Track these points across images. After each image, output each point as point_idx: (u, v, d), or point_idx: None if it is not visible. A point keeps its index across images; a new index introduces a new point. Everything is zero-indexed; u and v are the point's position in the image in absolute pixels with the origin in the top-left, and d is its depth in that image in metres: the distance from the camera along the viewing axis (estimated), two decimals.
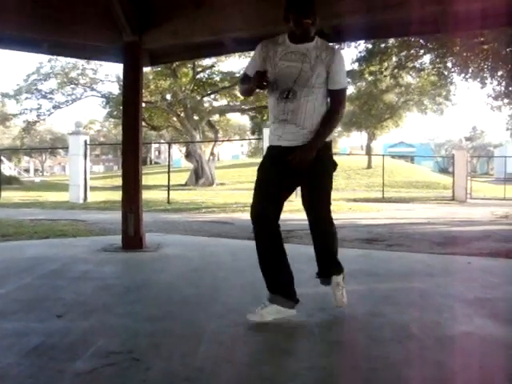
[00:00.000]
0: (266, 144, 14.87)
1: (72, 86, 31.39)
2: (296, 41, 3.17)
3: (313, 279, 4.48)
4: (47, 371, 2.40)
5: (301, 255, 5.66)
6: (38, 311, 3.39)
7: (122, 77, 7.08)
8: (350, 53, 73.35)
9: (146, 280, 4.54)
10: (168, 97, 29.64)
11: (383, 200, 19.59)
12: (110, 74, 48.10)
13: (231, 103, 31.91)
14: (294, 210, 13.50)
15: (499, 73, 15.51)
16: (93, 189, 18.52)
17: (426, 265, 5.38)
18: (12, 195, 20.07)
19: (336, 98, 3.24)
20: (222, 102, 32.73)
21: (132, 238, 5.90)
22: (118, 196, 15.49)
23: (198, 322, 3.21)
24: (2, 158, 28.04)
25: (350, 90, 33.10)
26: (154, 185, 23.49)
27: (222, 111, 32.61)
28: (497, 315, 3.38)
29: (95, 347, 2.71)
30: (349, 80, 28.09)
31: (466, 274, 4.95)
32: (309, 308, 3.54)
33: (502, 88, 16.13)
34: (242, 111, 32.98)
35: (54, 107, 31.54)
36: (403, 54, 16.66)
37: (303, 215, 3.39)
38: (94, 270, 4.74)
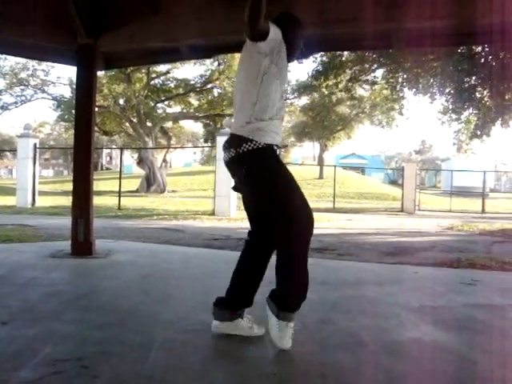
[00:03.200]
0: (219, 152, 14.89)
1: (21, 87, 30.63)
2: None
3: (265, 285, 4.51)
4: None
5: None
6: None
7: (75, 80, 6.96)
8: (308, 66, 74.04)
9: (95, 287, 4.47)
10: (121, 102, 29.30)
11: (334, 210, 19.84)
12: (62, 76, 47.20)
13: (185, 110, 31.81)
14: (245, 219, 13.59)
15: (447, 89, 15.98)
16: (42, 193, 18.09)
17: (374, 274, 5.48)
18: None
19: None
20: (176, 108, 32.59)
21: (82, 244, 5.80)
22: (67, 201, 15.25)
23: (148, 330, 3.18)
24: None
25: (303, 101, 33.59)
26: (105, 191, 23.13)
27: (176, 118, 32.45)
28: (440, 322, 3.49)
29: (42, 355, 2.65)
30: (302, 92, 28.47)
31: (413, 282, 5.08)
32: (259, 315, 3.55)
33: (450, 104, 16.61)
34: (196, 118, 32.90)
35: (2, 108, 30.70)
36: (357, 67, 16.98)
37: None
38: (42, 277, 4.63)
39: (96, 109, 7.30)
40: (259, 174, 2.86)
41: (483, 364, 2.72)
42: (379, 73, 18.17)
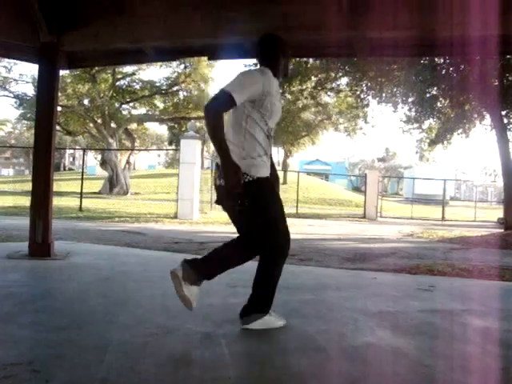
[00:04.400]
0: (183, 155, 14.84)
1: None
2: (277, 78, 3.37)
3: (223, 290, 4.52)
4: None
5: None
6: None
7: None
8: None
9: (52, 289, 4.39)
10: (86, 102, 28.95)
11: (297, 215, 19.96)
12: (25, 73, 46.31)
13: (150, 112, 31.62)
14: (207, 223, 13.55)
15: (410, 99, 16.29)
16: (1, 193, 17.73)
17: (334, 279, 5.54)
18: None
19: None
20: (141, 110, 32.38)
21: (39, 246, 5.69)
22: (27, 201, 14.94)
23: (105, 333, 3.14)
24: None
25: None
26: (66, 191, 22.76)
27: (141, 120, 32.23)
28: (397, 327, 3.54)
29: None
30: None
31: (372, 288, 5.14)
32: (217, 319, 3.55)
33: (413, 113, 16.94)
34: (161, 121, 32.74)
35: None
36: (322, 75, 17.17)
37: (215, 227, 3.39)
38: None
39: (59, 108, 7.21)
40: (254, 202, 3.18)
41: (437, 368, 2.77)
42: (344, 80, 18.42)
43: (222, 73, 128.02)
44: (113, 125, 29.78)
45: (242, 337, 3.18)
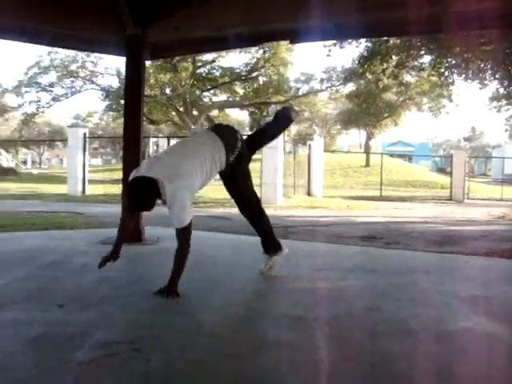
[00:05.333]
0: None
1: (71, 78, 31.32)
2: None
3: (311, 273, 4.53)
4: (50, 361, 2.43)
5: (298, 250, 5.71)
6: (38, 301, 3.41)
7: (122, 70, 7.07)
8: (353, 52, 73.27)
9: (145, 273, 4.57)
10: (168, 91, 29.62)
11: (381, 198, 19.63)
12: (109, 67, 47.89)
13: (230, 99, 31.91)
14: (291, 207, 13.58)
15: (498, 74, 15.54)
16: (91, 182, 18.49)
17: (423, 263, 5.42)
18: (9, 186, 20.05)
19: None
20: (222, 97, 32.72)
21: (131, 232, 5.89)
22: (116, 189, 15.57)
23: (197, 315, 3.23)
24: (0, 149, 28.01)
25: (349, 87, 33.16)
26: None
27: (222, 106, 32.61)
28: (491, 312, 3.42)
29: (96, 338, 2.73)
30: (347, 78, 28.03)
31: (463, 272, 4.99)
32: (308, 302, 3.57)
33: (502, 89, 16.16)
34: (241, 107, 32.98)
35: (54, 100, 31.49)
36: (404, 53, 16.66)
37: (299, 212, 3.39)
38: (94, 263, 4.70)
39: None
40: None
41: None
42: (427, 58, 17.78)
43: (302, 56, 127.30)
44: (195, 112, 30.33)
45: (332, 320, 3.18)
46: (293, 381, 2.29)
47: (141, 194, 3.52)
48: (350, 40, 15.34)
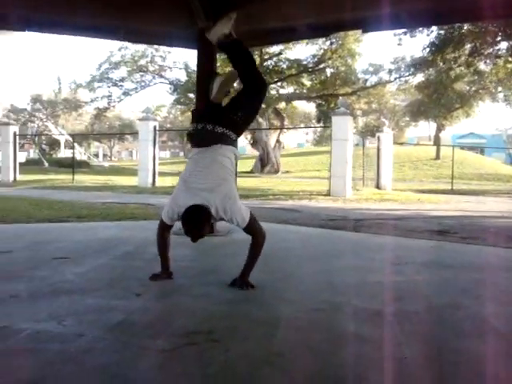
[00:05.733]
0: (334, 132, 14.75)
1: (141, 73, 32.03)
2: None
3: (387, 267, 4.44)
4: (131, 347, 2.47)
5: (371, 244, 5.61)
6: (117, 289, 3.49)
7: (190, 64, 7.15)
8: (423, 40, 71.39)
9: (219, 264, 4.60)
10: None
11: (452, 192, 19.04)
12: (178, 61, 48.68)
13: (297, 91, 31.74)
14: (361, 200, 13.39)
15: None
16: (160, 174, 18.87)
17: (504, 259, 5.20)
18: (83, 179, 20.73)
19: None
20: (289, 89, 32.59)
21: None
22: None
23: (273, 307, 3.23)
24: (74, 143, 29.00)
25: (419, 78, 32.31)
26: None
27: (289, 99, 32.48)
28: None
29: (174, 327, 2.76)
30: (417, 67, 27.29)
31: None
32: (384, 296, 3.49)
33: None
34: (309, 99, 32.75)
35: (124, 94, 32.32)
36: (478, 40, 16.05)
37: (369, 205, 3.30)
38: None
39: None
40: None
41: None
42: (503, 45, 17.07)
43: (370, 46, 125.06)
44: (262, 105, 30.36)
45: (413, 316, 3.08)
46: (375, 377, 2.23)
47: (202, 223, 3.48)
48: (421, 28, 14.94)
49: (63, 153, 43.07)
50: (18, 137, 20.74)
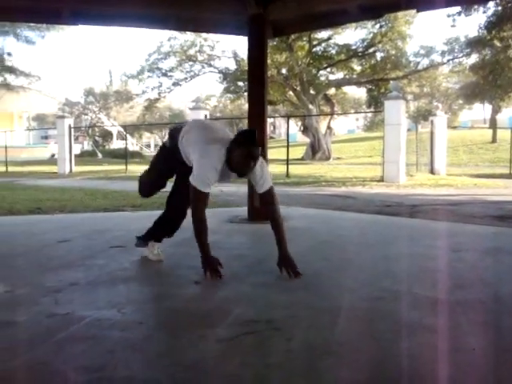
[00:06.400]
0: (387, 117, 14.46)
1: (190, 63, 32.19)
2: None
3: (445, 254, 4.29)
4: (190, 335, 2.45)
5: (428, 230, 5.46)
6: (175, 277, 3.50)
7: (239, 52, 7.10)
8: (478, 19, 69.21)
9: (274, 252, 4.53)
10: (284, 71, 29.58)
11: (510, 176, 18.40)
12: (226, 49, 48.78)
13: (347, 76, 31.30)
14: (415, 185, 13.11)
15: None
16: None
17: None
18: (136, 169, 21.01)
19: None
20: (338, 75, 32.17)
21: (258, 210, 5.92)
22: None
23: (333, 295, 3.16)
24: (127, 134, 29.49)
25: (473, 59, 31.33)
26: (271, 159, 23.54)
27: (338, 84, 32.06)
28: None
29: (234, 315, 2.73)
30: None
31: None
32: (446, 285, 3.37)
33: None
34: (359, 84, 32.24)
35: (174, 84, 32.55)
36: None
37: (423, 190, 3.16)
38: (224, 241, 4.81)
39: None
40: None
41: None
42: None
43: (421, 28, 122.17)
44: (311, 91, 30.06)
45: (478, 305, 2.96)
46: (443, 369, 2.13)
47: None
48: (476, 6, 14.41)
49: (116, 144, 43.89)
50: (72, 129, 21.21)
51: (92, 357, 2.20)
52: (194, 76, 32.80)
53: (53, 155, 29.79)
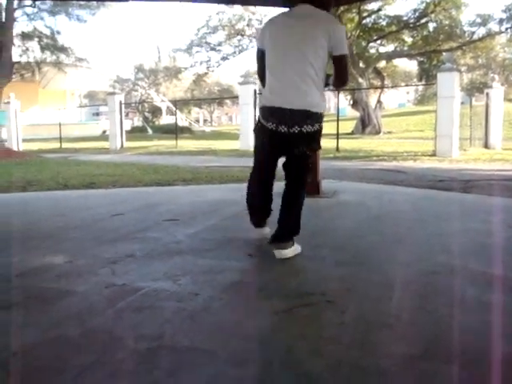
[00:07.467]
0: (440, 90, 14.09)
1: (238, 37, 32.07)
2: None
3: (503, 230, 4.18)
4: (246, 307, 2.49)
5: (485, 205, 5.32)
6: (229, 250, 3.52)
7: None
8: None
9: (327, 225, 4.53)
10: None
11: None
12: None
13: (398, 48, 30.59)
14: (469, 160, 12.78)
15: None
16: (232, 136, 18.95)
17: None
18: (186, 144, 21.26)
19: None
20: (389, 47, 31.46)
21: (310, 184, 5.89)
22: None
23: (386, 269, 3.13)
24: (176, 109, 29.69)
25: None
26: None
27: (389, 57, 31.38)
28: None
29: (288, 288, 2.75)
30: None
31: None
32: (505, 261, 3.29)
33: None
34: (410, 56, 31.47)
35: (223, 59, 32.55)
36: None
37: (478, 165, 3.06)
38: (275, 214, 4.80)
39: None
40: None
41: None
42: None
43: None
44: (361, 64, 29.54)
45: None
46: (498, 346, 2.08)
47: None
48: None
49: (165, 120, 44.32)
50: (123, 105, 21.53)
51: (151, 326, 2.26)
52: (242, 50, 32.69)
53: (104, 131, 30.39)
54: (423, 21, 28.11)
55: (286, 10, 3.69)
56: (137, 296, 2.62)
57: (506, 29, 28.49)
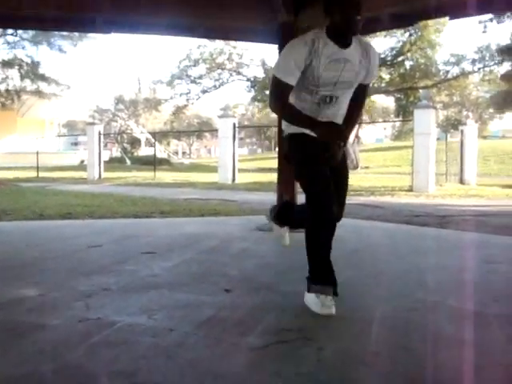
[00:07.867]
0: (418, 125, 14.34)
1: (219, 70, 32.43)
2: (339, 42, 2.85)
3: (479, 266, 4.21)
4: (222, 343, 2.45)
5: (460, 241, 5.36)
6: (206, 285, 3.49)
7: (267, 60, 7.11)
8: (510, 26, 68.29)
9: (305, 260, 4.50)
10: None
11: None
12: (254, 58, 48.99)
13: (376, 85, 31.15)
14: (445, 195, 12.94)
15: None
16: (239, 170, 19.01)
17: None
18: (164, 176, 21.21)
19: (366, 90, 3.22)
20: None
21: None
22: (265, 178, 15.80)
23: (365, 305, 3.12)
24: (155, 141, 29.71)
25: (506, 67, 30.90)
26: None
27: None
28: None
29: (265, 324, 2.72)
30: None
31: None
32: (482, 297, 3.30)
33: None
34: (387, 93, 32.08)
35: (203, 92, 32.87)
36: None
37: (454, 200, 3.11)
38: (253, 248, 4.80)
39: None
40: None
41: None
42: None
43: (451, 36, 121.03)
44: None
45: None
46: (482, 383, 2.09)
47: None
48: (509, 13, 14.24)
49: (144, 151, 44.28)
50: (102, 136, 21.49)
51: (125, 362, 2.21)
52: (223, 84, 33.11)
53: (82, 161, 30.24)
54: (400, 59, 28.80)
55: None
56: (111, 331, 2.57)
57: (479, 69, 29.30)
